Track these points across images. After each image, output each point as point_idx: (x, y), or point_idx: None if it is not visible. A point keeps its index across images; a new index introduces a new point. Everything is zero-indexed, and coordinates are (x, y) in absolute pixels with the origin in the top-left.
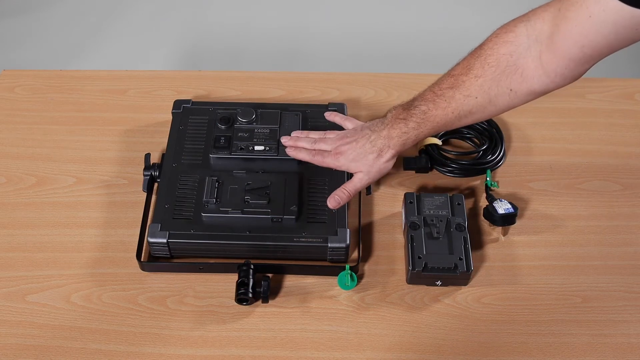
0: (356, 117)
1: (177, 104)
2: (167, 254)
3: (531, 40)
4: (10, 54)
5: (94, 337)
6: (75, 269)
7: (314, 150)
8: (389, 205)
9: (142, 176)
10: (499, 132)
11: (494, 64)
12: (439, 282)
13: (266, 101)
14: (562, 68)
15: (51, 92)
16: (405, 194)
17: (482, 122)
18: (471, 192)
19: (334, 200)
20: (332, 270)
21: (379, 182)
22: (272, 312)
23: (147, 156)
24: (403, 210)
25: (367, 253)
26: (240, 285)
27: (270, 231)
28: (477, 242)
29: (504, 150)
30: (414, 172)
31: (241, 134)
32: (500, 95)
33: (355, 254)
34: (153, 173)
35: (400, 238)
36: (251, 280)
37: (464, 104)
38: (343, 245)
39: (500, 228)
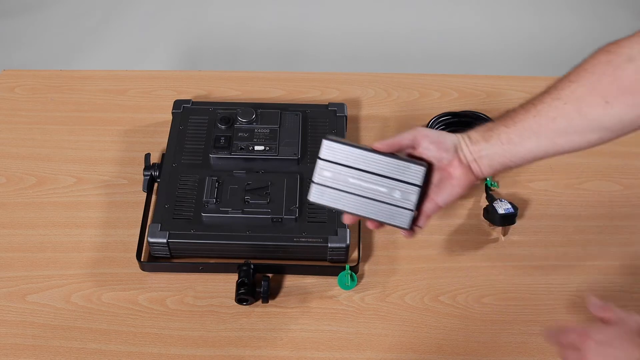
0: (356, 117)
1: (177, 104)
2: (167, 254)
3: (634, 51)
4: (10, 54)
5: (94, 337)
6: (75, 269)
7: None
8: None
9: (142, 176)
10: None
11: (590, 70)
12: None
13: (266, 101)
14: None
15: (51, 92)
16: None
17: (482, 122)
18: (471, 192)
19: None
20: (332, 270)
21: None
22: (272, 312)
23: (147, 156)
24: None
25: (367, 253)
26: (240, 285)
27: (270, 231)
28: (477, 242)
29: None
30: None
31: (241, 134)
32: (592, 106)
33: (355, 254)
34: (153, 173)
35: (400, 238)
36: (251, 280)
37: (550, 107)
38: (343, 245)
39: (500, 228)
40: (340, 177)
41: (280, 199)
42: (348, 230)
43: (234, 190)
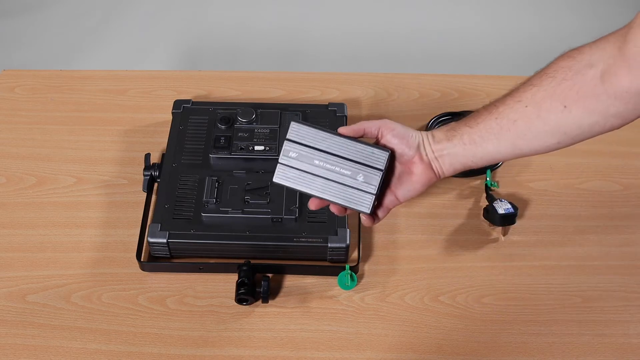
0: (356, 117)
1: (177, 104)
2: (167, 254)
3: (594, 58)
4: (10, 54)
5: (94, 337)
6: (75, 269)
7: None
8: None
9: (142, 176)
10: None
11: (551, 75)
12: None
13: (266, 101)
14: (625, 88)
15: (51, 92)
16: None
17: None
18: (471, 192)
19: None
20: (332, 270)
21: None
22: (272, 312)
23: (147, 156)
24: None
25: (367, 253)
26: (240, 285)
27: (270, 231)
28: (477, 242)
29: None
30: None
31: (241, 134)
32: (551, 110)
33: (355, 254)
34: (153, 173)
35: (400, 238)
36: (251, 280)
37: (511, 109)
38: (343, 245)
39: (500, 228)
40: (305, 159)
41: (280, 199)
42: (348, 230)
43: (234, 190)
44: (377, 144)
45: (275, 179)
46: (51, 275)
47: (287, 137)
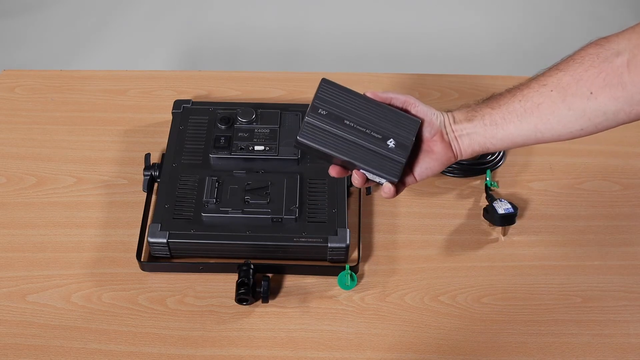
0: None
1: (177, 104)
2: (167, 254)
3: (621, 46)
4: (11, 54)
5: (94, 337)
6: (75, 269)
7: None
8: (389, 205)
9: (142, 176)
10: None
11: (578, 61)
12: None
13: (266, 101)
14: None
15: (51, 92)
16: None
17: None
18: (471, 192)
19: None
20: (332, 270)
21: None
22: (272, 312)
23: (147, 156)
24: None
25: (367, 253)
26: (240, 285)
27: (270, 231)
28: (477, 242)
29: (504, 150)
30: None
31: (241, 134)
32: (577, 95)
33: (355, 254)
34: (153, 173)
35: (400, 238)
36: (251, 280)
37: (536, 92)
38: (343, 245)
39: (500, 228)
40: (334, 119)
41: (280, 199)
42: (348, 230)
43: (234, 190)
44: None
45: (300, 138)
46: (51, 275)
47: (317, 93)
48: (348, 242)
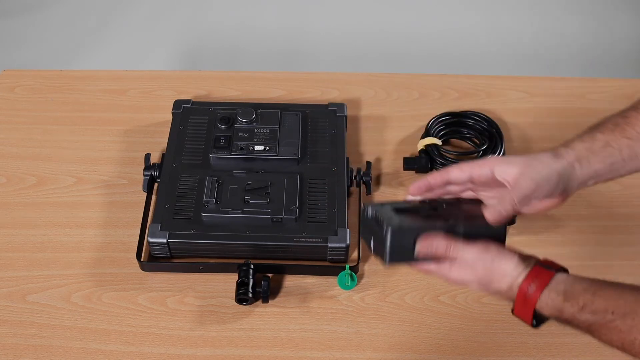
0: (356, 117)
1: (177, 104)
2: (167, 254)
3: None
4: (11, 54)
5: (94, 337)
6: (75, 269)
7: None
8: None
9: (142, 176)
10: (499, 132)
11: None
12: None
13: (266, 101)
14: None
15: (51, 92)
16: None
17: (482, 122)
18: None
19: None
20: (332, 270)
21: (378, 182)
22: (272, 312)
23: (147, 156)
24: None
25: (367, 253)
26: (240, 285)
27: (270, 231)
28: None
29: (504, 150)
30: (414, 172)
31: (241, 134)
32: None
33: (355, 254)
34: (153, 173)
35: None
36: (251, 280)
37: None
38: (343, 245)
39: None
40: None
41: (280, 199)
42: (348, 230)
43: (234, 190)
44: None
45: (388, 261)
46: (51, 275)
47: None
48: (348, 242)
